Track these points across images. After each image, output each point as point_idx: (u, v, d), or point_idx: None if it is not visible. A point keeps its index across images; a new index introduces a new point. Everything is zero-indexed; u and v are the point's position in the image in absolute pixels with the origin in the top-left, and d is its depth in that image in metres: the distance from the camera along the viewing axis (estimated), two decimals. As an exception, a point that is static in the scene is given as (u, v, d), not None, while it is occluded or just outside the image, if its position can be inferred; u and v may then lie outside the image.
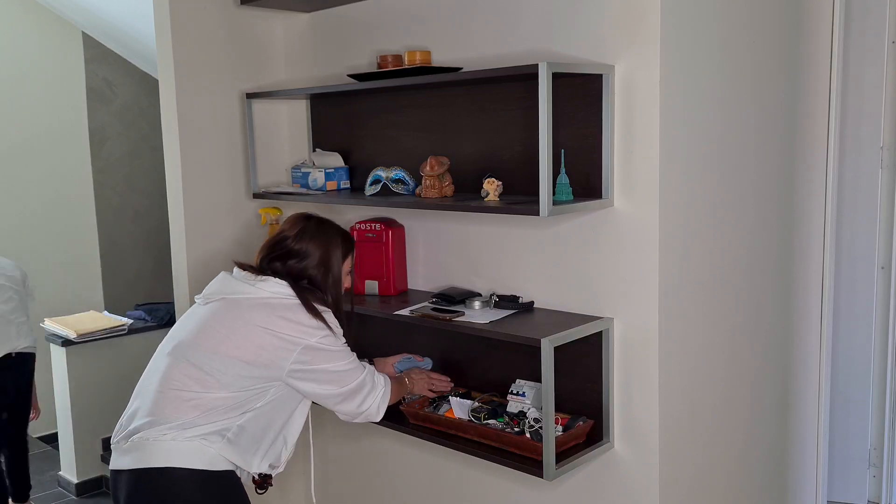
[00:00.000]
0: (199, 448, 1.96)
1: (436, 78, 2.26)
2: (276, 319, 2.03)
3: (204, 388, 1.99)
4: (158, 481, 1.96)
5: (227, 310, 2.07)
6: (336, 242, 2.21)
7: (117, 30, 4.73)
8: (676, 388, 2.20)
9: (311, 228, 2.21)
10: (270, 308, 2.05)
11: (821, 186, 2.77)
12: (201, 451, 1.97)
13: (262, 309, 2.05)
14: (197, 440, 1.96)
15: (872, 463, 3.23)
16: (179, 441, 1.95)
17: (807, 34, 2.67)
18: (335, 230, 2.24)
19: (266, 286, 2.08)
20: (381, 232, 2.60)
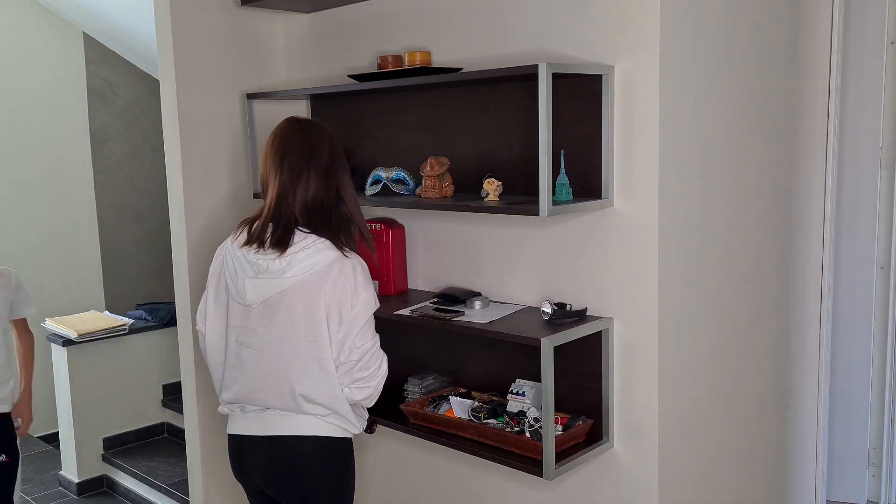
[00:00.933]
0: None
1: (436, 78, 2.26)
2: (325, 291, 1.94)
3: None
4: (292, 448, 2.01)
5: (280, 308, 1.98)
6: (331, 141, 2.04)
7: (118, 30, 4.73)
8: (676, 388, 2.21)
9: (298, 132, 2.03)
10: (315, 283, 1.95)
11: (820, 186, 2.77)
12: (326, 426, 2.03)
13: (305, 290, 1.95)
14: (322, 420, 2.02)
15: (872, 463, 3.23)
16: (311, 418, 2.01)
17: (806, 34, 2.67)
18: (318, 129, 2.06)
19: (293, 269, 1.94)
20: (382, 232, 2.60)
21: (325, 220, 2.00)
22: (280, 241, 1.97)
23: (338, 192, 2.03)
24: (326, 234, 1.98)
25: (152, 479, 3.93)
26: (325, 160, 2.01)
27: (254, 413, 2.07)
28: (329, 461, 2.06)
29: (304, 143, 2.01)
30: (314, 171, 1.99)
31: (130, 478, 4.07)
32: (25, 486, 4.26)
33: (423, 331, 2.61)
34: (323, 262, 1.95)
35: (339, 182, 2.04)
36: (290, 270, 1.95)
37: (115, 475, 4.19)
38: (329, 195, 2.02)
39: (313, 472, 2.04)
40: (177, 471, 3.99)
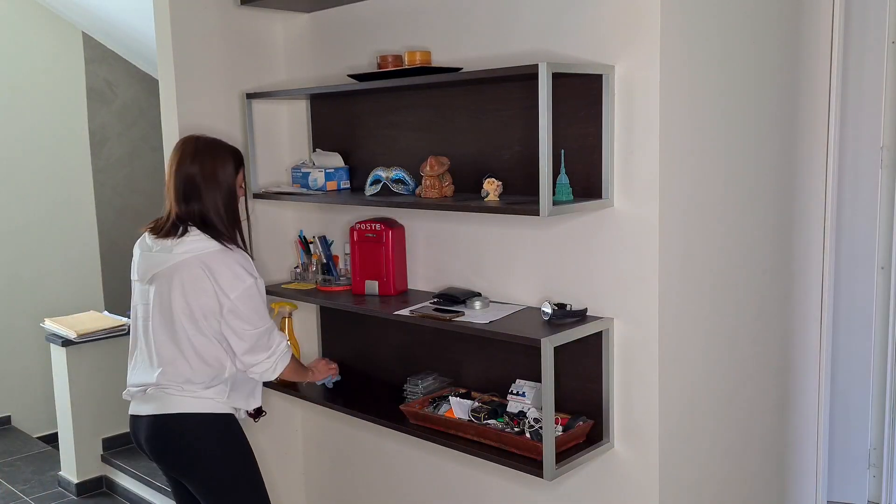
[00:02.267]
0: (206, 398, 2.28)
1: (436, 78, 2.26)
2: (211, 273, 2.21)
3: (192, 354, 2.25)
4: (174, 425, 2.26)
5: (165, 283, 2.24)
6: (226, 159, 2.32)
7: (117, 30, 4.73)
8: (676, 388, 2.20)
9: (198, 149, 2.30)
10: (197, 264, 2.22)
11: (821, 186, 2.77)
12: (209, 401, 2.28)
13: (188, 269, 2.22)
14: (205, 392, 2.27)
15: (872, 463, 3.23)
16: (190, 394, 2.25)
17: (807, 34, 2.67)
18: (221, 146, 2.34)
19: (181, 247, 2.22)
20: (382, 232, 2.60)
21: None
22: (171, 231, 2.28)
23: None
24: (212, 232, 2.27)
25: (152, 479, 3.93)
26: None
27: (139, 394, 2.31)
28: (207, 436, 2.29)
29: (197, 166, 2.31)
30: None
31: (130, 478, 4.06)
32: (25, 487, 4.26)
33: (423, 331, 2.61)
34: (207, 248, 2.23)
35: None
36: (178, 248, 2.23)
37: (114, 475, 4.18)
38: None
39: (192, 447, 2.28)
40: (176, 471, 3.98)
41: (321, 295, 2.71)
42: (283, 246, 3.05)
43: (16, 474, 4.42)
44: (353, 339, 2.95)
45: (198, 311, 2.21)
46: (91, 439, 4.19)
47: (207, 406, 2.26)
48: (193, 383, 2.24)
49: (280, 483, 3.13)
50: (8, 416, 5.10)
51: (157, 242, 2.26)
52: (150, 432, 2.27)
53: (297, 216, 3.05)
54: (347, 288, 2.74)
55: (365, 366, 2.90)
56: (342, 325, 2.98)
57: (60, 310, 4.75)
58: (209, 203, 2.25)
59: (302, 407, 3.14)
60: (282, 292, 2.82)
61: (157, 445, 2.28)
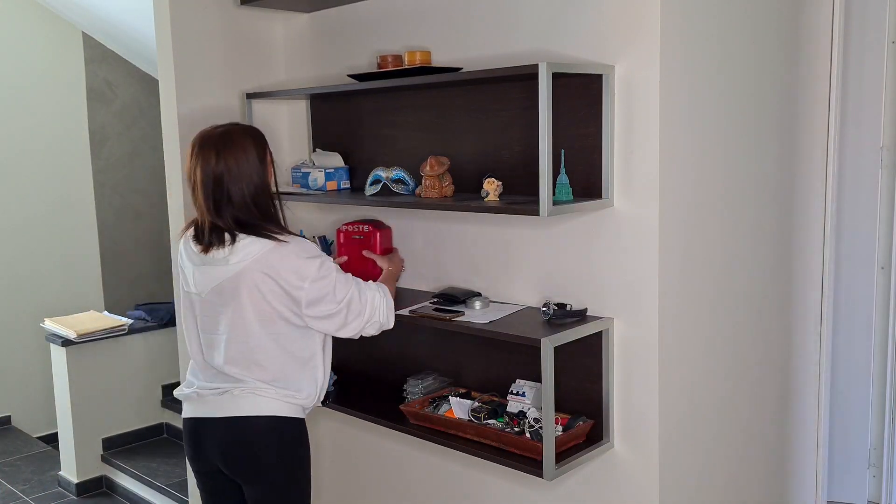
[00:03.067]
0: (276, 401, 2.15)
1: (436, 78, 2.26)
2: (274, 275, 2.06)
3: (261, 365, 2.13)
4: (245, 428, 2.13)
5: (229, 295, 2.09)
6: (245, 145, 2.11)
7: (117, 30, 4.73)
8: (676, 388, 2.20)
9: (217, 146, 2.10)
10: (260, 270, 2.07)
11: (821, 186, 2.77)
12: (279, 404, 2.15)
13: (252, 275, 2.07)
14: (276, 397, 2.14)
15: (872, 463, 3.23)
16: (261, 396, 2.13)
17: (807, 34, 2.67)
18: (241, 131, 2.14)
19: (236, 255, 2.06)
20: (370, 234, 2.59)
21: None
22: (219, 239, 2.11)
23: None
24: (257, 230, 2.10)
25: (152, 479, 3.93)
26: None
27: (212, 396, 2.16)
28: (281, 439, 2.16)
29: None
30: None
31: (130, 478, 4.06)
32: (25, 487, 4.26)
33: (423, 331, 2.61)
34: (262, 249, 2.06)
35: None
36: (233, 258, 2.07)
37: (114, 476, 4.18)
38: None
39: (266, 449, 2.15)
40: (176, 471, 3.98)
41: (321, 295, 2.71)
42: (283, 246, 3.04)
43: (16, 474, 4.42)
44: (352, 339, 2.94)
45: (272, 314, 2.08)
46: (91, 439, 4.20)
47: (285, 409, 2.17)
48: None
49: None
50: (8, 416, 5.10)
51: (209, 254, 2.09)
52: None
53: (297, 216, 3.05)
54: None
55: (365, 366, 2.90)
56: (342, 325, 2.98)
57: (60, 310, 4.75)
58: (238, 202, 2.07)
59: (302, 407, 3.14)
60: (282, 292, 2.82)
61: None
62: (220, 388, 2.14)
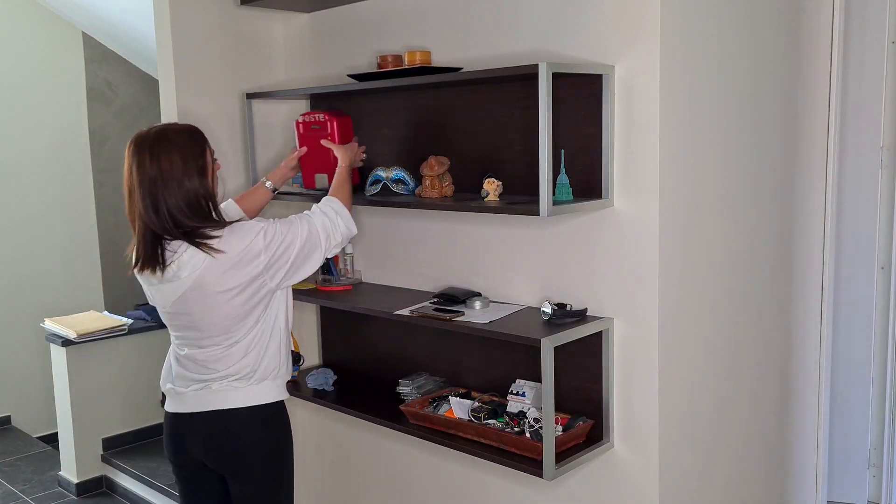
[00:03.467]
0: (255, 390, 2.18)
1: (436, 78, 2.26)
2: (228, 279, 2.05)
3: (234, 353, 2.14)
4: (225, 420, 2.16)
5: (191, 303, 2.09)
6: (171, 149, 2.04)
7: (117, 30, 4.73)
8: (676, 388, 2.20)
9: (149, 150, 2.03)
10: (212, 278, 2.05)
11: (821, 186, 2.77)
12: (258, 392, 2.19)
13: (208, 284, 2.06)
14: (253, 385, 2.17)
15: (872, 463, 3.23)
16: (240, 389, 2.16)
17: (807, 34, 2.67)
18: (177, 133, 2.08)
19: (184, 269, 2.03)
20: (326, 122, 2.54)
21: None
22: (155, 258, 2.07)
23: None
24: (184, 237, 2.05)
25: (152, 479, 3.93)
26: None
27: (191, 392, 2.17)
28: (264, 427, 2.19)
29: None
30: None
31: (130, 478, 4.06)
32: (25, 487, 4.26)
33: (423, 331, 2.61)
34: (203, 261, 2.04)
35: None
36: (183, 272, 2.05)
37: (114, 476, 4.18)
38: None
39: (249, 440, 2.18)
40: (176, 471, 3.98)
41: (321, 295, 2.71)
42: (283, 246, 3.04)
43: (16, 474, 4.42)
44: (352, 339, 2.95)
45: (245, 304, 2.08)
46: (91, 439, 4.20)
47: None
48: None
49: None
50: (8, 416, 5.10)
51: (158, 274, 2.06)
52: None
53: (297, 216, 3.05)
54: (348, 288, 2.74)
55: (365, 366, 2.90)
56: (342, 325, 2.98)
57: (60, 310, 4.75)
58: (173, 204, 2.01)
59: (302, 407, 3.14)
60: (282, 292, 2.82)
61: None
62: (198, 383, 2.16)
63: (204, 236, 2.03)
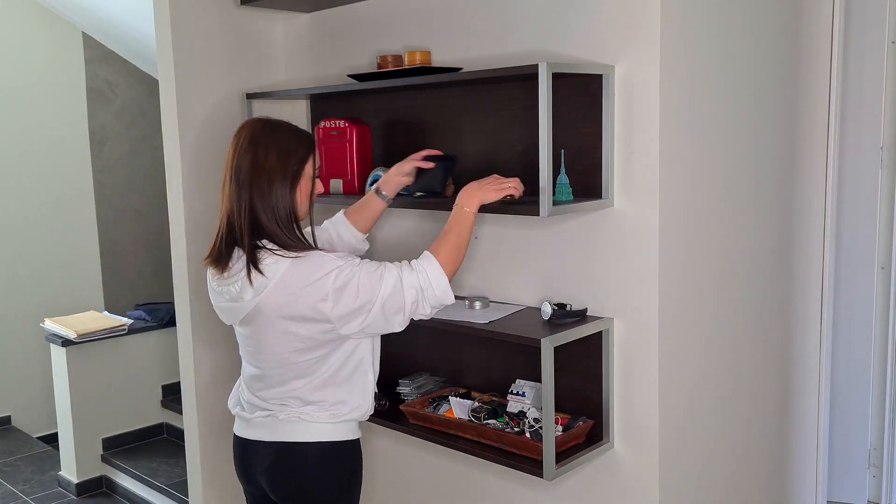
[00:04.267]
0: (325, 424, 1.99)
1: (436, 78, 2.26)
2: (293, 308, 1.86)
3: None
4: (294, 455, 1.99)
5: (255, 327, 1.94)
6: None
7: (117, 30, 4.73)
8: (676, 388, 2.20)
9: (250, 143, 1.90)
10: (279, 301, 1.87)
11: (821, 186, 2.77)
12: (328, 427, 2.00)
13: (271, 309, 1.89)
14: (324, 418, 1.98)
15: (872, 463, 3.23)
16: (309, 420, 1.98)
17: (807, 34, 2.67)
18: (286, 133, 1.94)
19: (246, 292, 1.87)
20: (346, 129, 2.59)
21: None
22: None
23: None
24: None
25: (152, 479, 3.93)
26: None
27: (258, 417, 2.04)
28: (331, 468, 2.02)
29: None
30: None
31: (130, 478, 4.06)
32: (25, 487, 4.26)
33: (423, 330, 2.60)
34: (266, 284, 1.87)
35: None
36: (246, 294, 1.90)
37: (114, 476, 4.18)
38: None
39: (315, 480, 2.02)
40: (176, 471, 3.99)
41: (321, 295, 2.71)
42: (283, 246, 3.04)
43: (16, 474, 4.42)
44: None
45: (306, 343, 1.91)
46: (91, 439, 4.20)
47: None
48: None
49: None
50: (8, 416, 5.10)
51: (222, 285, 1.94)
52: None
53: (297, 216, 3.05)
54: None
55: (365, 366, 2.90)
56: (342, 325, 2.98)
57: (60, 310, 4.75)
58: (256, 202, 1.87)
59: (302, 407, 3.14)
60: (282, 292, 2.82)
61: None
62: (263, 410, 2.01)
63: (257, 260, 1.86)
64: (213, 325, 2.88)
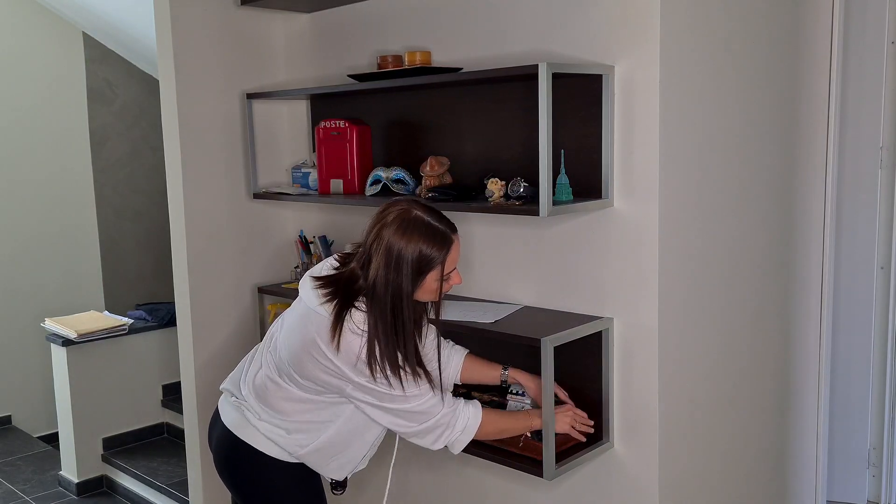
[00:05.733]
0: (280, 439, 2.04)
1: (436, 78, 2.26)
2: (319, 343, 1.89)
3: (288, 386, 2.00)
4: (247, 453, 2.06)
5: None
6: (413, 248, 1.86)
7: (118, 30, 4.73)
8: (676, 388, 2.20)
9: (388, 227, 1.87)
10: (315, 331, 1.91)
11: (821, 186, 2.77)
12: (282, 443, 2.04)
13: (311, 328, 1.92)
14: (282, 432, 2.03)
15: (872, 463, 3.23)
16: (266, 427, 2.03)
17: (807, 34, 2.67)
18: (423, 230, 1.88)
19: (320, 310, 1.90)
20: (346, 129, 2.60)
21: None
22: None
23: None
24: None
25: (152, 479, 3.93)
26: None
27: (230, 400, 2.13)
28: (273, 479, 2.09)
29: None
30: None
31: (130, 478, 4.06)
32: (25, 487, 4.26)
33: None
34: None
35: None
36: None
37: (114, 475, 4.18)
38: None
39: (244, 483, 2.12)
40: (177, 471, 3.99)
41: (321, 295, 2.71)
42: (283, 246, 3.05)
43: (16, 474, 4.42)
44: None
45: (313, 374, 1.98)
46: (91, 439, 4.20)
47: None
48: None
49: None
50: (8, 416, 5.10)
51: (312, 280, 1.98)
52: None
53: (297, 216, 3.05)
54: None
55: (365, 366, 2.89)
56: (342, 325, 2.98)
57: (60, 310, 4.75)
58: (380, 278, 1.86)
59: (302, 407, 3.14)
60: (282, 292, 2.82)
61: None
62: (236, 398, 2.11)
63: (343, 316, 1.88)
64: (214, 325, 2.89)
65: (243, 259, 2.93)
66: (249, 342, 2.94)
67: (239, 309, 2.94)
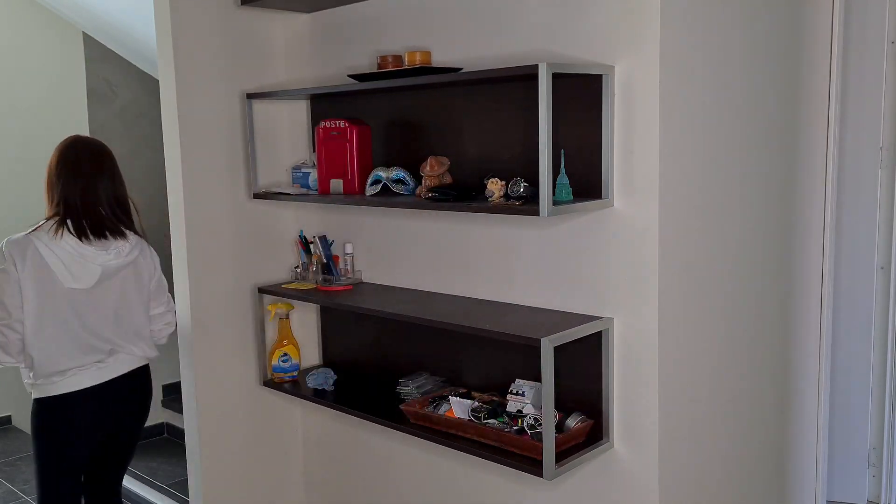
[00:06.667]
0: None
1: (436, 78, 2.26)
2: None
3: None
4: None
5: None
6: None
7: (118, 30, 4.73)
8: (676, 388, 2.20)
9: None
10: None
11: (821, 186, 2.77)
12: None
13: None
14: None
15: (872, 463, 3.23)
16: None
17: (807, 34, 2.67)
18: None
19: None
20: (346, 129, 2.61)
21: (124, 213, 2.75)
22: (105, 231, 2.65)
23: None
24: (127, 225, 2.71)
25: (152, 479, 3.93)
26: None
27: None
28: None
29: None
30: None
31: (130, 478, 4.06)
32: (25, 487, 4.26)
33: (424, 331, 2.61)
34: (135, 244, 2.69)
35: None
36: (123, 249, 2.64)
37: (114, 475, 4.18)
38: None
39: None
40: (177, 471, 3.99)
41: (321, 295, 2.71)
42: (283, 246, 3.05)
43: (16, 474, 4.42)
44: (353, 339, 2.95)
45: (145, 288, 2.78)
46: (91, 439, 4.19)
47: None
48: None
49: (280, 483, 3.13)
50: (8, 416, 5.10)
51: (106, 247, 2.65)
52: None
53: (297, 216, 3.05)
54: (348, 288, 2.75)
55: (365, 366, 2.90)
56: (342, 325, 2.98)
57: (60, 310, 4.74)
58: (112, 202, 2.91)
59: (302, 407, 3.14)
60: (282, 292, 2.82)
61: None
62: (100, 355, 2.58)
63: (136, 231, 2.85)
64: (213, 325, 2.89)
65: (243, 259, 2.93)
66: (249, 342, 2.95)
67: (239, 309, 2.94)
